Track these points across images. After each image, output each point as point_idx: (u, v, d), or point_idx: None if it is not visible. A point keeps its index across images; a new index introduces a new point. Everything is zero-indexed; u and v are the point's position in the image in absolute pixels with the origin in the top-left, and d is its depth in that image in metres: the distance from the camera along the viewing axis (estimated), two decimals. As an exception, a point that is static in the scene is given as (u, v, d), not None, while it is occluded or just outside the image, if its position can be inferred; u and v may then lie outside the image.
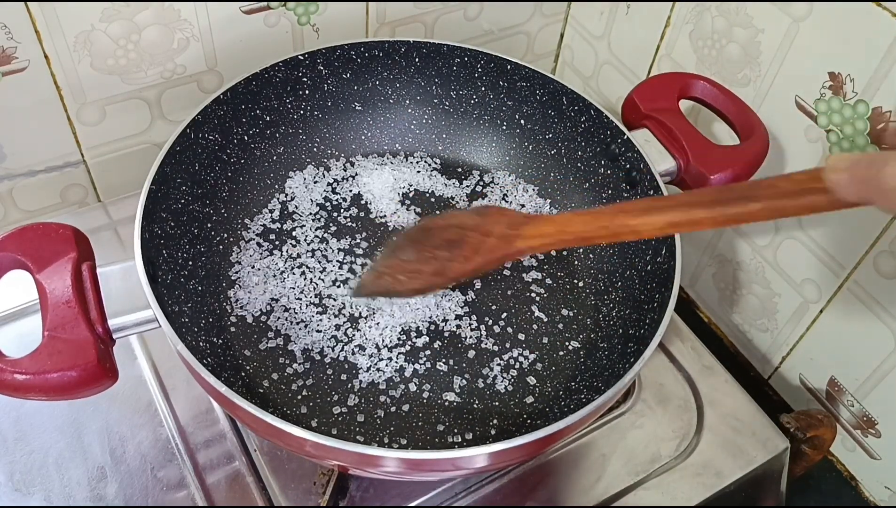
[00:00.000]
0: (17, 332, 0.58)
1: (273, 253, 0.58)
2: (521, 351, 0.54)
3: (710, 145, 0.55)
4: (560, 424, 0.41)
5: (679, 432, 0.57)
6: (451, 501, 0.52)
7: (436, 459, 0.41)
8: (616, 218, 0.42)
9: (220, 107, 0.56)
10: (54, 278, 0.42)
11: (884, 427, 0.58)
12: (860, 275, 0.56)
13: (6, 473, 0.51)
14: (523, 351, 0.54)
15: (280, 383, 0.51)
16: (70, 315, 0.41)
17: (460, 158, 0.65)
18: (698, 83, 0.58)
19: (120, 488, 0.51)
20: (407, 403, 0.51)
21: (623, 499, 0.54)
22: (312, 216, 0.60)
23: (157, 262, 0.48)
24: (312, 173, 0.63)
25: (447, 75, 0.63)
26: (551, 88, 0.60)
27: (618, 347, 0.52)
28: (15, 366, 0.39)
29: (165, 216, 0.51)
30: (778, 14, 0.56)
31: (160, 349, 0.58)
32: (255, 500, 0.51)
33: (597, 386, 0.50)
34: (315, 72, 0.60)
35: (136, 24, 0.58)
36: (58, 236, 0.44)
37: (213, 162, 0.56)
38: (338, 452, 0.40)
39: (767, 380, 0.68)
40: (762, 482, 0.57)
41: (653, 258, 0.53)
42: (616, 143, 0.57)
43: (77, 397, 0.40)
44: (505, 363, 0.54)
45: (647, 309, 0.51)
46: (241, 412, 0.40)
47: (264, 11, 0.63)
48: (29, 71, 0.57)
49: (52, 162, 0.63)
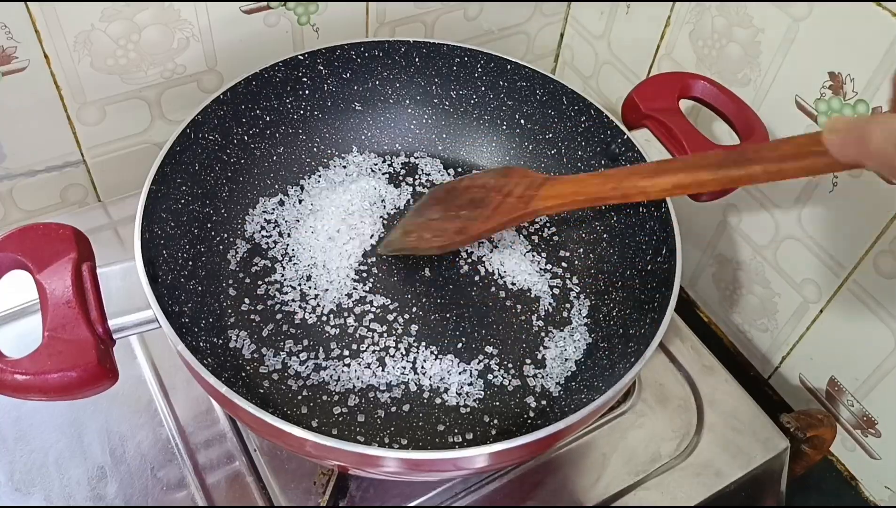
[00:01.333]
0: (17, 332, 0.58)
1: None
2: (521, 351, 0.54)
3: (710, 145, 0.55)
4: (560, 424, 0.41)
5: (679, 431, 0.57)
6: (451, 501, 0.52)
7: (436, 459, 0.41)
8: (627, 179, 0.45)
9: (220, 107, 0.56)
10: (54, 279, 0.42)
11: (884, 427, 0.58)
12: (860, 275, 0.56)
13: (6, 473, 0.51)
14: (524, 351, 0.54)
15: (280, 383, 0.51)
16: (70, 316, 0.41)
17: (460, 157, 0.65)
18: (698, 83, 0.58)
19: (120, 488, 0.51)
20: (407, 403, 0.51)
21: (623, 499, 0.54)
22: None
23: (157, 262, 0.48)
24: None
25: (447, 75, 0.63)
26: (551, 87, 0.60)
27: (618, 347, 0.52)
28: (15, 366, 0.39)
29: (165, 216, 0.51)
30: (778, 14, 0.56)
31: (160, 349, 0.58)
32: (255, 500, 0.51)
33: (597, 386, 0.50)
34: (315, 72, 0.60)
35: (136, 24, 0.58)
36: (58, 237, 0.44)
37: (213, 162, 0.56)
38: (338, 452, 0.40)
39: (767, 380, 0.68)
40: (762, 481, 0.57)
41: (653, 258, 0.53)
42: (616, 142, 0.57)
43: (77, 397, 0.40)
44: (505, 363, 0.54)
45: (647, 309, 0.51)
46: (242, 412, 0.40)
47: (264, 11, 0.63)
48: (29, 71, 0.57)
49: (52, 162, 0.63)
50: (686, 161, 0.43)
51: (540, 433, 0.41)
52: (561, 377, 0.53)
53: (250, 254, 0.58)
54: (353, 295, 0.56)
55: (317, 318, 0.55)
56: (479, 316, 0.56)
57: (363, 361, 0.53)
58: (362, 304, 0.56)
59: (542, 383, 0.53)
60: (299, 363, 0.52)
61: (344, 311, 0.55)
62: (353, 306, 0.56)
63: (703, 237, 0.70)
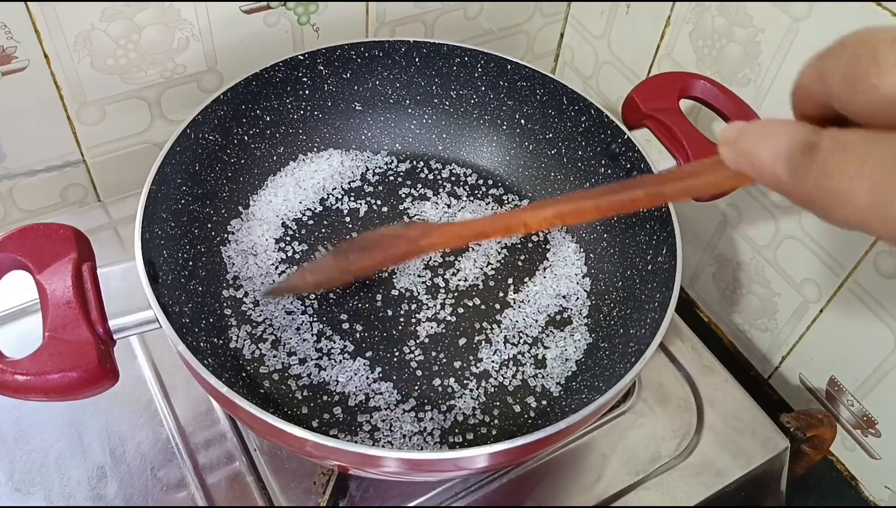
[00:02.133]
0: (17, 332, 0.58)
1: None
2: (521, 350, 0.54)
3: (710, 145, 0.55)
4: (561, 424, 0.41)
5: (679, 431, 0.57)
6: (451, 501, 0.52)
7: (436, 459, 0.41)
8: (512, 215, 0.45)
9: (220, 107, 0.56)
10: (55, 279, 0.42)
11: (884, 427, 0.59)
12: (860, 275, 0.56)
13: (6, 472, 0.51)
14: (524, 350, 0.55)
15: (281, 383, 0.51)
16: (71, 316, 0.41)
17: (461, 157, 0.65)
18: (698, 83, 0.58)
19: (120, 487, 0.51)
20: (409, 402, 0.51)
21: (623, 499, 0.54)
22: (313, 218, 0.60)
23: (157, 262, 0.48)
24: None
25: (447, 75, 0.63)
26: (551, 87, 0.60)
27: (618, 347, 0.52)
28: (16, 367, 0.39)
29: (166, 217, 0.51)
30: (778, 14, 0.56)
31: (160, 349, 0.58)
32: (255, 500, 0.51)
33: (598, 386, 0.50)
34: (315, 72, 0.60)
35: (136, 24, 0.58)
36: (58, 237, 0.44)
37: (213, 162, 0.56)
38: (339, 452, 0.40)
39: (767, 380, 0.68)
40: (762, 481, 0.57)
41: (653, 258, 0.53)
42: (616, 142, 0.57)
43: (78, 398, 0.40)
44: (505, 362, 0.54)
45: (647, 309, 0.51)
46: (243, 413, 0.40)
47: (264, 11, 0.63)
48: (29, 71, 0.57)
49: (52, 162, 0.63)
50: (570, 195, 0.42)
51: (541, 433, 0.41)
52: (561, 378, 0.53)
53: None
54: (354, 295, 0.56)
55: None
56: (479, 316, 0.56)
57: (364, 361, 0.53)
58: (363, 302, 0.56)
59: (543, 383, 0.53)
60: (299, 364, 0.52)
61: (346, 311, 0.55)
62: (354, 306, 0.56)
63: (703, 237, 0.70)
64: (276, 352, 0.53)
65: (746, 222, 0.64)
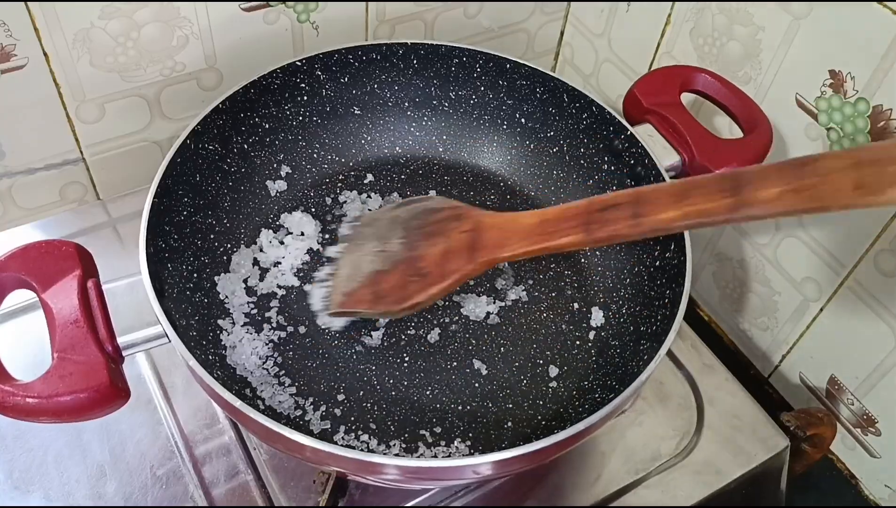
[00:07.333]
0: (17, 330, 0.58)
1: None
2: (532, 351, 0.54)
3: (714, 139, 0.55)
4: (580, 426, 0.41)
5: (679, 430, 0.57)
6: (450, 500, 0.52)
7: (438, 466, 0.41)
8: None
9: (219, 116, 0.55)
10: (60, 297, 0.41)
11: (884, 426, 0.58)
12: (860, 273, 0.56)
13: (5, 471, 0.51)
14: (534, 352, 0.54)
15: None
16: (79, 335, 0.40)
17: (462, 159, 0.65)
18: (700, 76, 0.58)
19: (119, 486, 0.51)
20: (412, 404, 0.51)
21: (623, 498, 0.54)
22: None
23: (162, 276, 0.48)
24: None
25: (446, 76, 0.63)
26: (551, 85, 0.60)
27: (629, 344, 0.52)
28: (27, 391, 0.38)
29: (169, 229, 0.51)
30: (778, 12, 0.56)
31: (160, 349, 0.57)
32: (255, 499, 0.51)
33: (611, 385, 0.50)
34: (313, 77, 0.60)
35: (136, 22, 0.58)
36: (61, 254, 0.43)
37: (213, 172, 0.56)
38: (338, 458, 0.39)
39: (767, 378, 0.68)
40: (762, 480, 0.57)
41: (661, 254, 0.53)
42: (619, 139, 0.56)
43: (90, 418, 0.40)
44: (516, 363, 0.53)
45: (657, 306, 0.51)
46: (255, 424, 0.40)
47: (264, 9, 0.63)
48: (28, 69, 0.56)
49: (52, 160, 0.63)
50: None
51: (560, 435, 0.40)
52: (573, 377, 0.53)
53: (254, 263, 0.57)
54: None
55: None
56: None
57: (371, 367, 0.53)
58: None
59: (553, 384, 0.52)
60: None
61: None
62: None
63: (703, 236, 0.69)
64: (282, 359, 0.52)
65: (747, 221, 0.64)
